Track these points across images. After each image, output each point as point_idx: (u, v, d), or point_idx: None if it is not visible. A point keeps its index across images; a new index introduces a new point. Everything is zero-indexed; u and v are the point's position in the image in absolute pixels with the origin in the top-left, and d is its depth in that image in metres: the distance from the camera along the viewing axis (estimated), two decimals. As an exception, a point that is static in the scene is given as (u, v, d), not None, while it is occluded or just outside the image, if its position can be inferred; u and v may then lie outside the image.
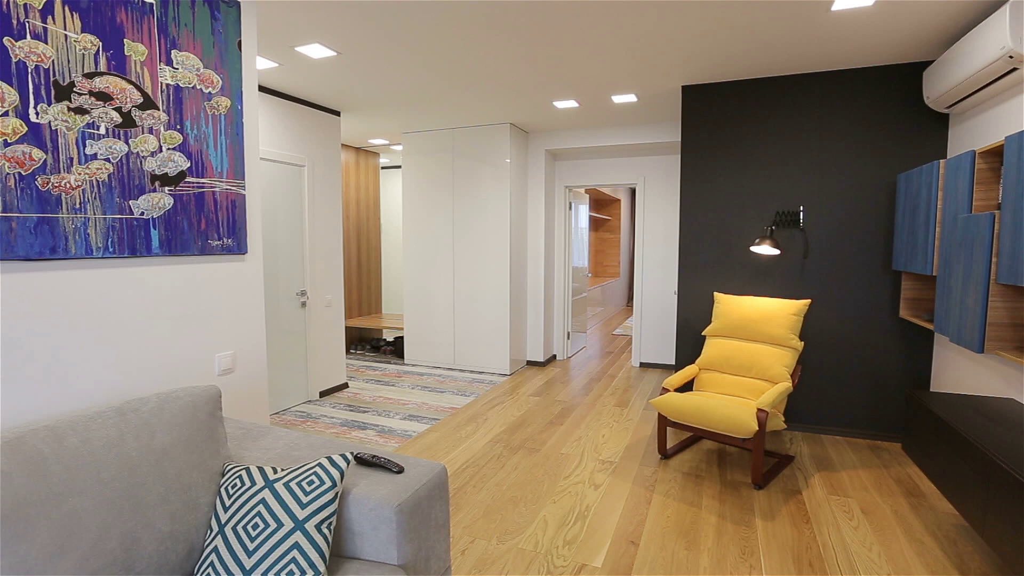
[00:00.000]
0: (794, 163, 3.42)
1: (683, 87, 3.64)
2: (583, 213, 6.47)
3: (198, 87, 1.97)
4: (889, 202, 3.23)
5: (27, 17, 1.48)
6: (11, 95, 1.46)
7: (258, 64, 3.24)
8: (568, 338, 5.86)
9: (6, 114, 1.45)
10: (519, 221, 5.21)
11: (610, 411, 4.00)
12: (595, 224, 10.24)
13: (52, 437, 1.21)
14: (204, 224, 2.00)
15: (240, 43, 2.13)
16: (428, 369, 5.25)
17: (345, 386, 4.52)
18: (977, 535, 2.28)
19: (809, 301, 3.15)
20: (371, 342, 6.11)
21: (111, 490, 1.22)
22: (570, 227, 5.80)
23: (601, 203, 10.10)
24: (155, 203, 1.83)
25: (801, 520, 2.43)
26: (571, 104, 4.15)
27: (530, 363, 5.52)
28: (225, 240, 2.09)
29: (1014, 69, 2.24)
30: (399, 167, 6.77)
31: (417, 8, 2.47)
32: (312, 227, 4.12)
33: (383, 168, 6.76)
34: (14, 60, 1.46)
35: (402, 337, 5.74)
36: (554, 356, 5.80)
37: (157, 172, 1.83)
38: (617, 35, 2.76)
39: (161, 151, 1.84)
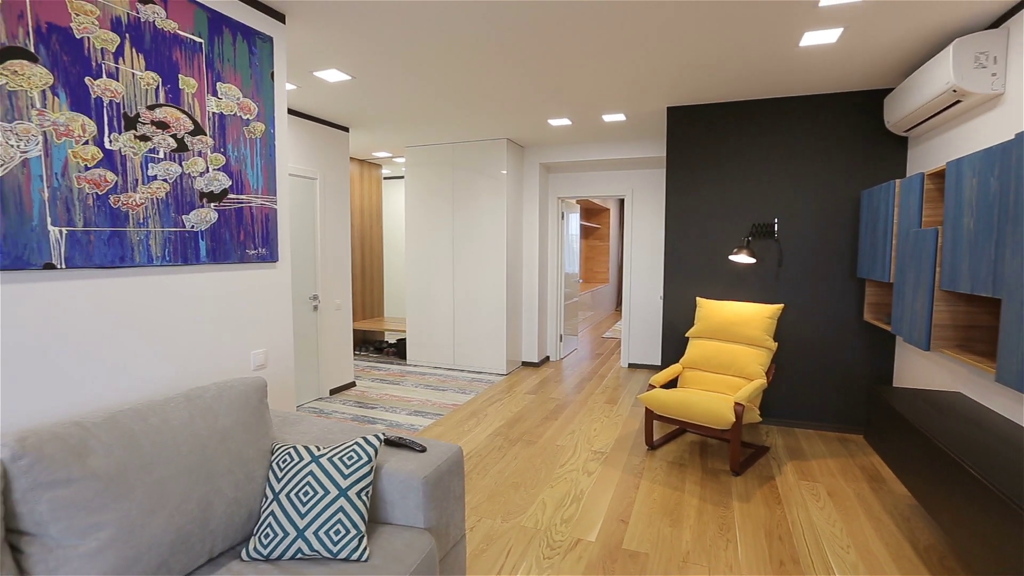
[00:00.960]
0: (769, 179, 3.72)
1: (668, 108, 3.94)
2: (574, 221, 6.75)
3: (238, 114, 2.21)
4: (854, 216, 3.54)
5: (103, 59, 1.73)
6: (90, 126, 1.70)
7: (275, 84, 3.48)
8: (561, 340, 6.13)
9: (87, 143, 1.69)
10: (515, 230, 5.48)
11: (601, 407, 4.27)
12: (585, 232, 10.54)
13: (138, 417, 1.45)
14: (243, 235, 2.24)
15: (272, 74, 2.38)
16: (430, 369, 5.49)
17: (353, 384, 4.75)
18: (926, 512, 2.57)
19: (782, 306, 3.44)
20: (374, 344, 6.33)
21: (188, 461, 1.46)
22: (562, 235, 6.08)
23: (591, 212, 10.40)
24: (203, 217, 2.07)
25: (773, 501, 2.70)
26: (564, 122, 4.44)
27: (525, 364, 5.78)
28: (260, 249, 2.33)
29: (958, 101, 2.55)
30: (399, 177, 7.01)
31: (430, 37, 2.74)
32: (323, 236, 4.36)
33: (385, 178, 7.00)
34: (93, 96, 1.70)
35: (404, 339, 5.98)
36: (547, 357, 6.06)
37: (205, 190, 2.07)
38: (610, 63, 3.04)
39: (208, 171, 2.09)
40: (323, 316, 4.38)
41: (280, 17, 2.44)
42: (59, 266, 1.61)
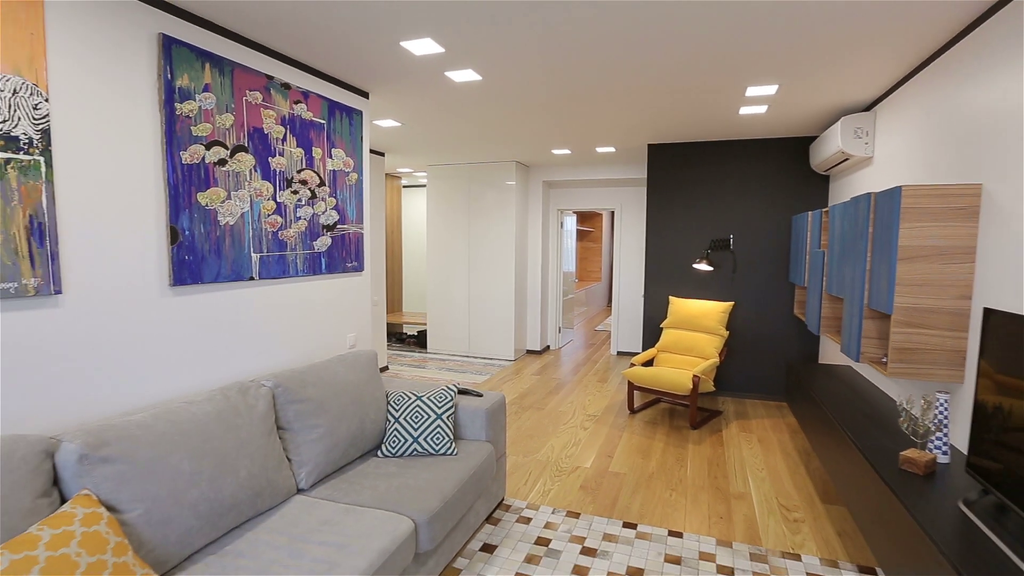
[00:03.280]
0: (726, 202, 4.73)
1: (648, 145, 4.94)
2: (570, 225, 7.74)
3: (343, 169, 3.17)
4: (788, 235, 4.57)
5: (276, 144, 2.68)
6: (270, 188, 2.66)
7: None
8: (559, 332, 7.13)
9: (268, 199, 2.65)
10: (521, 237, 6.46)
11: (594, 385, 5.28)
12: (580, 235, 11.52)
13: (320, 369, 2.42)
14: (344, 254, 3.21)
15: (362, 137, 3.34)
16: (448, 356, 6.48)
17: (386, 368, 5.72)
18: (812, 446, 3.60)
19: (733, 303, 4.46)
20: (396, 335, 7.30)
21: (351, 395, 2.44)
22: (561, 242, 7.07)
23: (585, 216, 11.39)
24: (324, 243, 3.04)
25: (718, 445, 3.73)
26: (565, 151, 5.42)
27: (529, 351, 6.78)
28: (353, 263, 3.30)
29: (847, 159, 3.56)
30: (417, 186, 7.96)
31: (477, 99, 3.70)
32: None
33: (404, 187, 7.94)
34: (272, 169, 2.66)
35: (424, 330, 6.95)
36: (548, 346, 7.06)
37: (324, 223, 3.04)
38: (606, 116, 4.02)
39: (326, 211, 3.05)
40: (366, 310, 5.33)
41: (366, 95, 3.39)
42: (256, 278, 2.58)
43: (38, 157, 1.70)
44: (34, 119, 1.69)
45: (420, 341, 6.99)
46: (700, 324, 4.45)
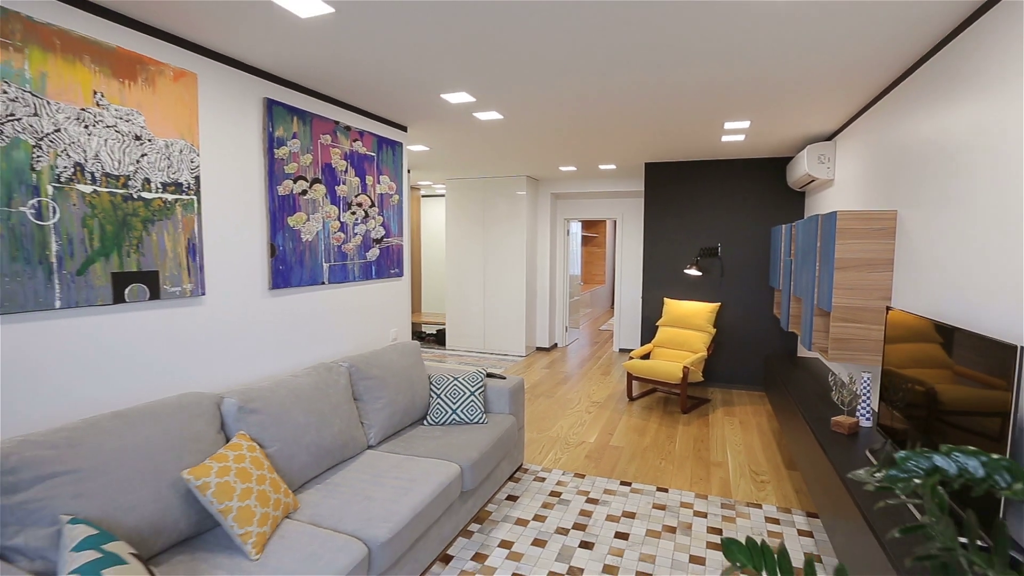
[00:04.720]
0: (714, 215, 5.35)
1: (645, 163, 5.56)
2: (576, 230, 8.36)
3: (388, 192, 3.82)
4: (768, 244, 5.17)
5: (340, 175, 3.33)
6: (335, 211, 3.30)
7: (373, 149, 5.06)
8: (566, 331, 7.75)
9: (335, 220, 3.29)
10: (531, 243, 7.09)
11: (597, 377, 5.90)
12: (585, 240, 12.14)
13: (379, 355, 3.06)
14: (389, 262, 3.86)
15: (402, 164, 3.99)
16: (465, 352, 7.12)
17: (412, 362, 6.37)
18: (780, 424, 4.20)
19: (720, 304, 5.08)
20: (416, 334, 7.95)
21: (404, 376, 3.07)
22: (568, 248, 7.70)
23: (590, 223, 12.00)
24: (374, 253, 3.68)
25: (704, 426, 4.34)
26: (571, 168, 6.05)
27: (538, 348, 7.40)
28: (396, 270, 3.94)
29: (814, 180, 4.18)
30: (433, 196, 8.61)
31: (498, 129, 4.35)
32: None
33: (423, 196, 8.60)
34: (337, 196, 3.30)
35: (442, 329, 7.59)
36: (556, 344, 7.68)
37: (374, 237, 3.68)
38: (608, 140, 4.66)
39: (376, 227, 3.70)
40: (394, 310, 5.98)
41: (405, 128, 4.04)
42: (326, 283, 3.22)
43: (192, 196, 2.36)
44: (191, 169, 2.34)
45: (439, 339, 7.63)
46: (691, 322, 5.06)
